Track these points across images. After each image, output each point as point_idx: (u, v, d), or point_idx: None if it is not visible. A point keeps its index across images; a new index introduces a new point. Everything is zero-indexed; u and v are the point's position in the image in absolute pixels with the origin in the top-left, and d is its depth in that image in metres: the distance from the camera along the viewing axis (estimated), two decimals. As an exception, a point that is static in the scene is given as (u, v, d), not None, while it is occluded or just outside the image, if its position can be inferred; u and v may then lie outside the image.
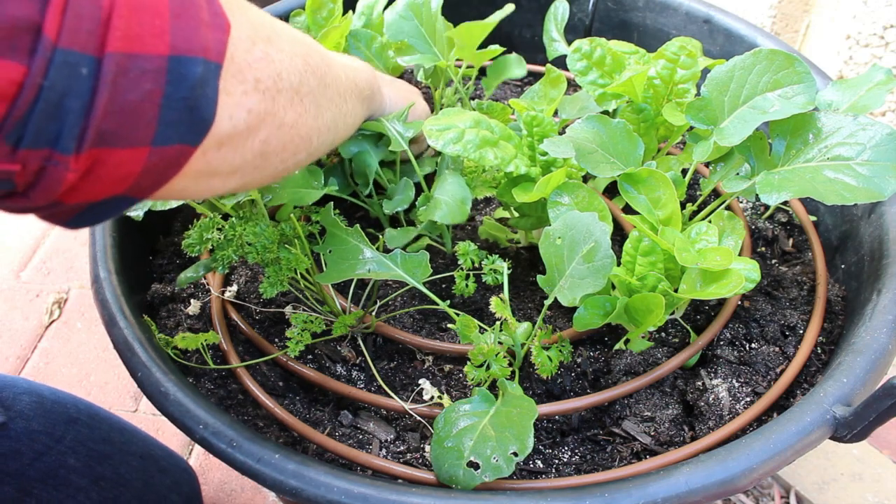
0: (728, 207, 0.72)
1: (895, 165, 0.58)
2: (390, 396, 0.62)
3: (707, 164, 0.73)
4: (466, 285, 0.66)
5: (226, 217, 0.64)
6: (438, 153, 0.74)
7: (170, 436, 1.18)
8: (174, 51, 0.33)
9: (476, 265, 0.65)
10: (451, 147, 0.60)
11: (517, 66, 0.85)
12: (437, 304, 0.62)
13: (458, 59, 0.81)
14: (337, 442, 0.59)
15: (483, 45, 0.81)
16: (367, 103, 0.62)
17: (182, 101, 0.34)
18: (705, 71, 0.68)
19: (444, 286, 0.72)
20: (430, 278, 0.63)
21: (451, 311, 0.61)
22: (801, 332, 0.68)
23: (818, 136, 0.62)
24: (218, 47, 0.36)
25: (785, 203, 0.81)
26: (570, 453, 0.61)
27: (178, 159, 0.36)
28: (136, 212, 0.71)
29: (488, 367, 0.59)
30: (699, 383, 0.65)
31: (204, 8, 0.35)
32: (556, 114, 0.80)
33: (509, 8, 0.81)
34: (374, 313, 0.68)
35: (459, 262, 0.65)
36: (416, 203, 0.68)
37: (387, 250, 0.64)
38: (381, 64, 0.84)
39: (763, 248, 0.79)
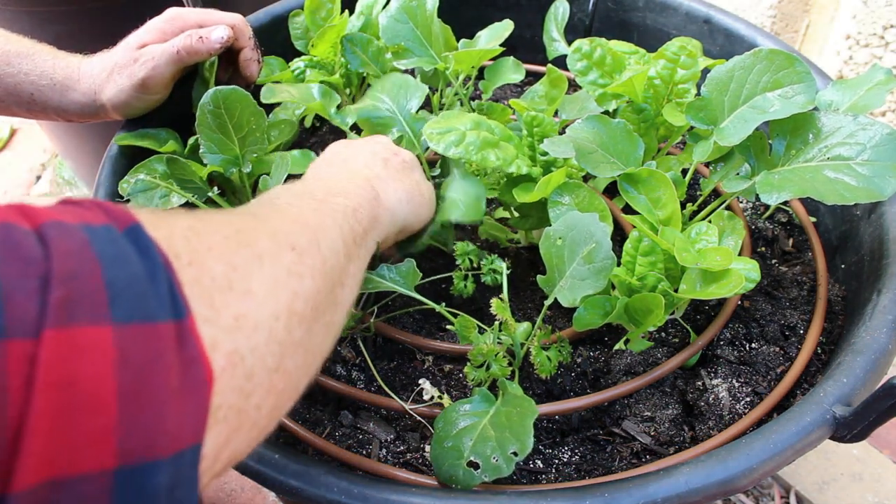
0: (728, 207, 0.72)
1: (895, 165, 0.58)
2: (390, 396, 0.62)
3: (707, 164, 0.73)
4: (465, 286, 0.66)
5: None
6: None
7: (170, 436, 1.18)
8: (124, 459, 0.23)
9: (475, 265, 0.65)
10: (453, 149, 0.60)
11: (514, 71, 0.84)
12: (435, 307, 0.61)
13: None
14: (336, 446, 0.59)
15: (483, 45, 0.81)
16: (369, 238, 0.51)
17: None
18: (705, 71, 0.68)
19: (444, 286, 0.72)
20: (430, 279, 0.63)
21: (447, 314, 0.61)
22: (802, 332, 0.68)
23: (818, 136, 0.62)
24: (196, 424, 0.27)
25: (785, 203, 0.81)
26: (570, 453, 0.61)
27: None
28: None
29: (488, 368, 0.59)
30: (699, 383, 0.65)
31: (173, 366, 0.26)
32: (556, 114, 0.80)
33: (509, 25, 0.80)
34: (373, 315, 0.68)
35: (458, 263, 0.65)
36: None
37: (396, 260, 0.63)
38: (379, 68, 0.84)
39: (763, 248, 0.79)
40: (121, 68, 0.72)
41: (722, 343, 0.67)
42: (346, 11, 0.87)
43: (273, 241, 0.36)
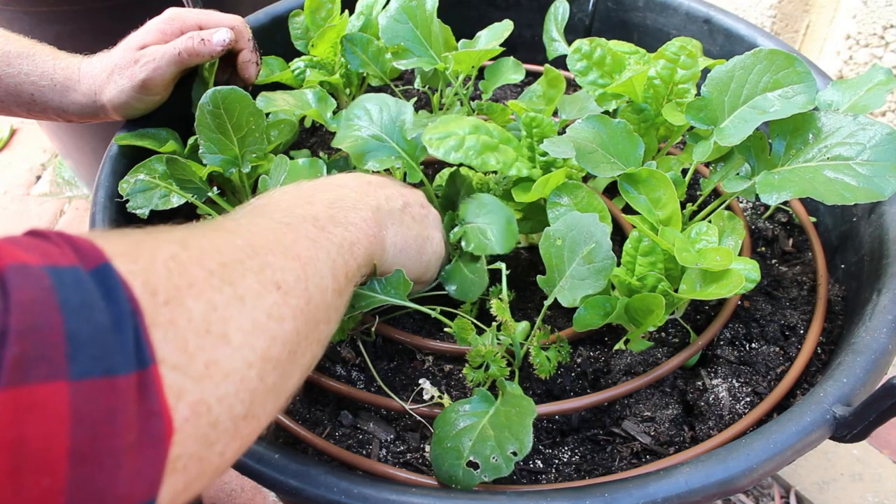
0: (728, 207, 0.72)
1: (895, 165, 0.58)
2: (390, 396, 0.62)
3: (707, 164, 0.73)
4: (471, 309, 0.66)
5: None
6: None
7: (170, 436, 1.18)
8: None
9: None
10: (454, 155, 0.59)
11: (514, 71, 0.84)
12: (430, 312, 0.61)
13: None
14: (335, 446, 0.59)
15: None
16: (362, 272, 0.51)
17: None
18: (705, 71, 0.68)
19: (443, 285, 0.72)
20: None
21: (443, 318, 0.61)
22: (802, 332, 0.68)
23: (818, 136, 0.62)
24: (150, 481, 0.26)
25: (785, 203, 0.81)
26: (570, 453, 0.61)
27: None
28: (142, 210, 0.71)
29: (487, 368, 0.59)
30: (699, 383, 0.65)
31: (130, 420, 0.25)
32: (555, 114, 0.80)
33: (509, 25, 0.80)
34: (374, 317, 0.68)
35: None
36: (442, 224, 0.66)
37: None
38: (379, 68, 0.83)
39: (763, 248, 0.79)
40: (121, 69, 0.72)
41: (722, 343, 0.67)
42: (346, 11, 0.87)
43: (259, 278, 0.35)
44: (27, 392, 0.22)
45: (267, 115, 0.75)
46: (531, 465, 0.60)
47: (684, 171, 0.71)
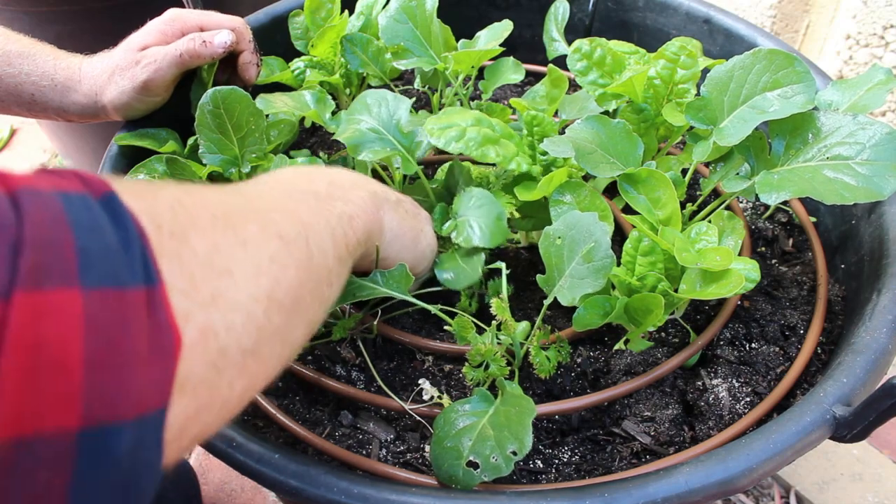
0: (728, 207, 0.72)
1: (895, 165, 0.58)
2: (390, 396, 0.62)
3: (707, 164, 0.73)
4: (470, 303, 0.66)
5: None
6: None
7: (170, 436, 1.18)
8: (88, 422, 0.24)
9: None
10: (454, 145, 0.60)
11: (514, 71, 0.84)
12: (431, 309, 0.61)
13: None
14: (336, 445, 0.59)
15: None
16: (361, 248, 0.51)
17: (105, 484, 0.25)
18: (705, 71, 0.68)
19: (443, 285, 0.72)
20: (429, 277, 0.62)
21: (443, 315, 0.61)
22: (802, 332, 0.68)
23: (818, 136, 0.62)
24: (161, 389, 0.27)
25: (785, 203, 0.81)
26: (569, 453, 0.61)
27: None
28: None
29: (486, 368, 0.59)
30: (699, 383, 0.65)
31: (141, 331, 0.26)
32: (556, 114, 0.80)
33: (508, 25, 0.80)
34: (374, 316, 0.68)
35: None
36: (434, 216, 0.66)
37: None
38: (379, 68, 0.83)
39: (763, 248, 0.79)
40: (122, 70, 0.72)
41: (722, 343, 0.67)
42: (346, 11, 0.87)
43: (261, 227, 0.36)
44: (43, 297, 0.23)
45: (267, 115, 0.75)
46: (531, 465, 0.60)
47: (684, 171, 0.71)
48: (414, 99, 0.86)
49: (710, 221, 0.66)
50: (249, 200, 0.39)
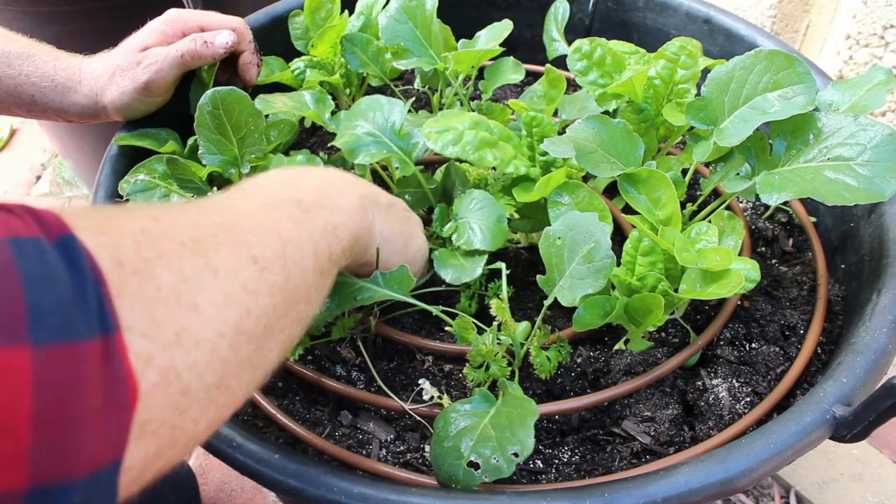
0: (728, 207, 0.72)
1: (895, 166, 0.58)
2: (390, 396, 0.62)
3: (707, 164, 0.73)
4: (470, 304, 0.66)
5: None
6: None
7: (170, 436, 1.17)
8: (36, 480, 0.23)
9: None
10: (451, 149, 0.60)
11: (513, 71, 0.84)
12: (432, 310, 0.61)
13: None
14: (335, 445, 0.59)
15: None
16: (347, 256, 0.50)
17: None
18: (705, 71, 0.68)
19: (444, 285, 0.72)
20: (429, 276, 0.62)
21: (444, 316, 0.61)
22: (802, 332, 0.68)
23: (818, 137, 0.62)
24: (115, 443, 0.26)
25: (785, 203, 0.81)
26: (570, 453, 0.61)
27: None
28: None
29: (487, 368, 0.59)
30: (699, 383, 0.65)
31: (95, 385, 0.25)
32: (555, 114, 0.80)
33: (508, 25, 0.80)
34: (374, 317, 0.68)
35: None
36: (434, 218, 0.66)
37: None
38: (379, 68, 0.83)
39: (763, 248, 0.79)
40: (123, 71, 0.72)
41: (722, 343, 0.67)
42: (346, 11, 0.87)
43: (234, 252, 0.35)
44: None
45: (266, 115, 0.75)
46: (531, 465, 0.60)
47: (684, 171, 0.71)
48: (414, 99, 0.86)
49: (710, 221, 0.66)
50: (225, 218, 0.38)
